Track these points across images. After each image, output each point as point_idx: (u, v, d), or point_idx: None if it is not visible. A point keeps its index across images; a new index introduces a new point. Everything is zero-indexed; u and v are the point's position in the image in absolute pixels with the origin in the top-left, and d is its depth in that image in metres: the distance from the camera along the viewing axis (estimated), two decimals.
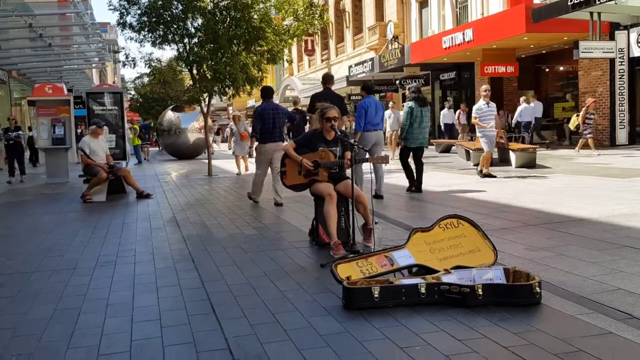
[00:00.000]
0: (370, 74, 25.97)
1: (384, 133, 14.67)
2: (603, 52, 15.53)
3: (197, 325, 3.32)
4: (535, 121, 18.13)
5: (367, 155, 6.09)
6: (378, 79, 26.61)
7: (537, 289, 3.43)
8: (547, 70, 21.90)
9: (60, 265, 5.02)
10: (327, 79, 8.74)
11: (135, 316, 3.56)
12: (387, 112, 16.71)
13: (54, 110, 14.11)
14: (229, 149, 17.76)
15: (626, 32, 15.99)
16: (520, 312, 3.30)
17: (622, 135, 16.52)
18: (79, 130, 18.67)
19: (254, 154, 8.53)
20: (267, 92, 8.69)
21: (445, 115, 22.25)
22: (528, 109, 17.82)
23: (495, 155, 13.64)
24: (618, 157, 13.45)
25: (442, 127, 22.51)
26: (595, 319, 3.16)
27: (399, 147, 10.26)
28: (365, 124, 8.29)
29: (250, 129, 11.89)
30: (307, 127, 12.62)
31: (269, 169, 8.46)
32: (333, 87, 8.87)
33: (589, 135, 14.68)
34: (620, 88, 16.33)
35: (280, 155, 6.68)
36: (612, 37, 16.08)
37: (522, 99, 18.66)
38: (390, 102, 18.84)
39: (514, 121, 18.89)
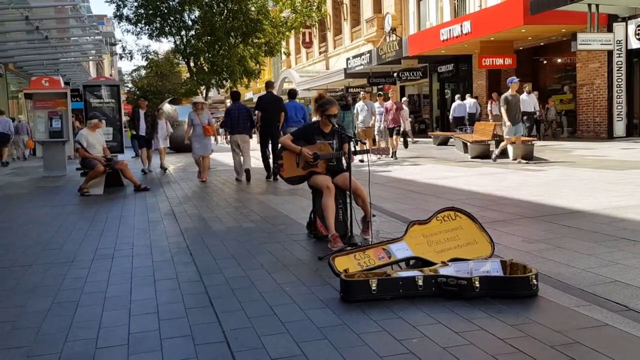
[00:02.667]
0: (368, 66, 25.92)
1: (354, 127, 14.04)
2: (601, 44, 15.52)
3: (194, 318, 3.33)
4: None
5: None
6: (376, 72, 26.57)
7: (534, 281, 3.44)
8: (545, 62, 21.86)
9: (57, 259, 5.02)
10: (268, 84, 11.62)
11: (133, 309, 3.56)
12: (360, 105, 14.63)
13: (51, 103, 14.06)
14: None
15: (624, 24, 15.97)
16: (517, 304, 3.31)
17: (619, 127, 16.54)
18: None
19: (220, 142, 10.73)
20: (235, 96, 11.51)
21: (457, 108, 21.16)
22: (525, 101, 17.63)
23: (493, 148, 13.66)
24: (615, 149, 13.47)
25: (452, 120, 21.51)
26: (591, 311, 3.17)
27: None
28: (287, 121, 10.83)
29: (213, 120, 11.76)
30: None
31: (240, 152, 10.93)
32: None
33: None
34: (618, 80, 16.32)
35: (245, 142, 10.94)
36: (610, 29, 16.05)
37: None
38: (362, 93, 16.13)
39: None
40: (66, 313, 3.53)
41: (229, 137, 11.47)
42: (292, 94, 11.83)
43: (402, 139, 14.84)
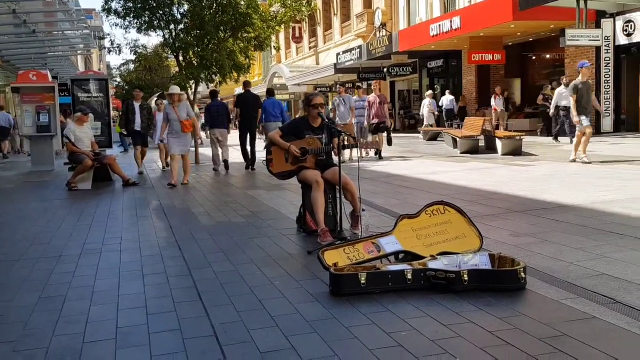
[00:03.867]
0: (358, 61, 25.90)
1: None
2: (589, 40, 15.59)
3: (183, 313, 3.31)
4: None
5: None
6: (366, 67, 26.55)
7: (522, 274, 3.46)
8: (533, 58, 21.96)
9: (45, 253, 4.99)
10: (246, 84, 12.33)
11: (121, 304, 3.54)
12: (336, 100, 13.71)
13: (38, 97, 13.94)
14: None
15: (612, 20, 16.06)
16: (506, 297, 3.33)
17: (607, 123, 16.64)
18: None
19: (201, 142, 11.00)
20: (213, 94, 12.45)
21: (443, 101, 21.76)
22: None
23: (482, 143, 13.73)
24: (603, 145, 13.56)
25: (444, 113, 21.79)
26: (579, 304, 3.19)
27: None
28: (267, 116, 11.91)
29: (193, 113, 10.20)
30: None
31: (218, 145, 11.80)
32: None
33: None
34: (606, 76, 16.42)
35: (223, 136, 11.85)
36: (598, 25, 16.13)
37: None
38: (339, 87, 15.39)
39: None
40: (54, 308, 3.51)
41: (208, 132, 12.24)
42: (271, 92, 12.92)
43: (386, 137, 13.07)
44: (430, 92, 22.65)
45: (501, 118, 19.05)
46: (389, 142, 13.15)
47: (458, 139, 14.04)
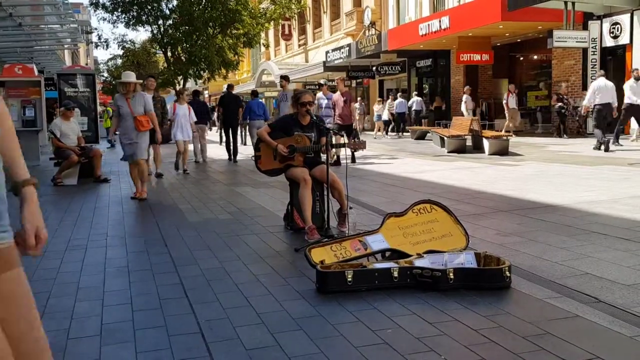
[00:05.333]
0: (347, 60, 25.91)
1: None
2: (576, 41, 15.73)
3: (169, 309, 3.30)
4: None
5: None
6: (355, 65, 26.57)
7: (507, 273, 3.49)
8: (521, 59, 22.10)
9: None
10: (229, 86, 13.64)
11: (106, 300, 3.52)
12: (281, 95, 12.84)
13: (24, 91, 13.78)
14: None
15: (599, 22, 16.21)
16: (491, 295, 3.35)
17: (591, 124, 16.78)
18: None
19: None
20: (195, 93, 13.63)
21: (399, 105, 22.66)
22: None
23: (469, 143, 13.80)
24: (588, 146, 13.68)
25: (413, 114, 22.67)
26: (563, 302, 3.22)
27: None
28: (252, 115, 13.13)
29: (151, 107, 7.91)
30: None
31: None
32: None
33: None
34: (593, 77, 16.55)
35: (203, 131, 12.53)
36: (585, 27, 16.28)
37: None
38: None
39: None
40: (38, 303, 3.43)
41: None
42: (255, 93, 14.39)
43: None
44: (359, 98, 24.59)
45: (514, 116, 18.07)
46: (352, 155, 11.69)
47: (445, 138, 14.10)
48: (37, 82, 14.09)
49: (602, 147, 11.88)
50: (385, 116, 22.86)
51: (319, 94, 12.02)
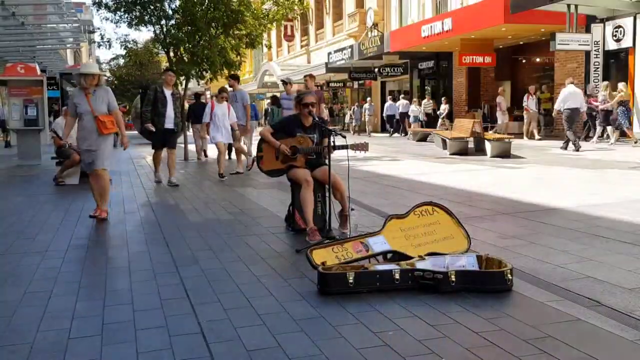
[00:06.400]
0: (350, 61, 25.93)
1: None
2: (579, 44, 15.71)
3: (170, 310, 3.30)
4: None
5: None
6: (357, 67, 26.58)
7: (509, 276, 3.48)
8: (523, 61, 22.10)
9: (31, 248, 4.94)
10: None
11: (107, 300, 3.52)
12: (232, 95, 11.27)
13: (26, 90, 13.78)
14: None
15: (602, 25, 16.19)
16: (492, 298, 3.35)
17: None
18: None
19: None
20: (197, 96, 15.37)
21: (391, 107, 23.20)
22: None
23: (471, 145, 13.80)
24: (591, 149, 13.68)
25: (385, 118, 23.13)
26: (564, 306, 3.22)
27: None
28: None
29: (115, 104, 6.44)
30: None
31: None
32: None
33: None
34: (595, 81, 16.55)
35: (203, 129, 11.80)
36: (588, 30, 16.26)
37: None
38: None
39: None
40: (39, 303, 3.48)
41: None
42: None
43: None
44: (369, 98, 26.15)
45: (533, 119, 17.71)
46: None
47: (447, 140, 14.10)
48: (39, 82, 14.09)
49: (574, 146, 13.24)
50: (422, 117, 22.65)
51: (282, 94, 11.26)
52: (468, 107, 21.95)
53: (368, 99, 26.92)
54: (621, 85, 14.43)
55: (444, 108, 21.81)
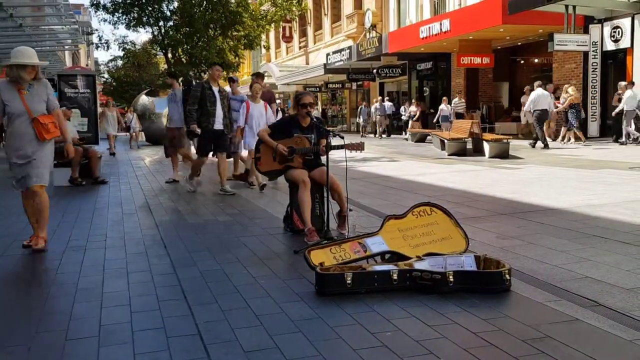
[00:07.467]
0: (348, 62, 25.93)
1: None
2: (577, 45, 15.74)
3: (167, 311, 3.29)
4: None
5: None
6: (355, 68, 26.59)
7: (507, 276, 3.48)
8: (522, 62, 22.12)
9: (28, 250, 4.92)
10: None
11: (105, 301, 3.51)
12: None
13: None
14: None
15: (600, 25, 16.22)
16: (490, 298, 3.34)
17: (593, 127, 16.80)
18: None
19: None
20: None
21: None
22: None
23: (470, 146, 13.80)
24: (589, 149, 13.69)
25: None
26: (562, 306, 3.21)
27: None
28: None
29: (56, 103, 5.21)
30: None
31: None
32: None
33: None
34: (593, 81, 16.58)
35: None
36: (586, 31, 16.29)
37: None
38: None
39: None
40: (36, 304, 3.47)
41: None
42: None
43: None
44: (379, 98, 26.24)
45: (551, 120, 16.68)
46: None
47: (446, 141, 14.11)
48: None
49: (542, 144, 14.24)
50: (452, 117, 21.98)
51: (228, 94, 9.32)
52: (466, 108, 21.95)
53: (379, 98, 26.71)
54: (570, 89, 15.17)
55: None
